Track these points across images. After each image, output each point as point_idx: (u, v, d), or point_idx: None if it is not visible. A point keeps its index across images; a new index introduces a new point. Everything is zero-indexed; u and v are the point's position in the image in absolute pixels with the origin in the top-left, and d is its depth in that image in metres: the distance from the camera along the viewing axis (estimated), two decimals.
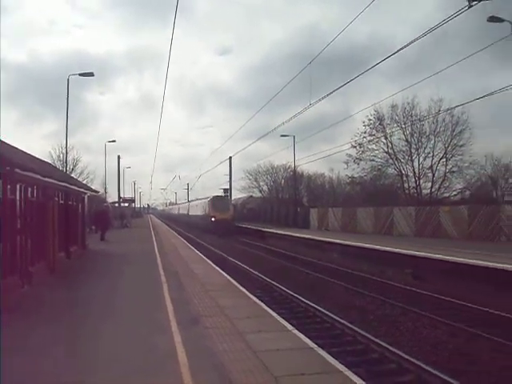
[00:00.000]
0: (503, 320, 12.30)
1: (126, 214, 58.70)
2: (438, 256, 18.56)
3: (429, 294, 15.80)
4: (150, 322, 9.48)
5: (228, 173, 65.12)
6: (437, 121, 43.18)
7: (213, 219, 50.47)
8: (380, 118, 45.88)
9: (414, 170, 45.65)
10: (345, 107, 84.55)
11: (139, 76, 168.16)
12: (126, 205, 69.16)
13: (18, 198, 12.81)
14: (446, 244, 23.37)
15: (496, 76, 53.50)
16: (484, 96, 23.98)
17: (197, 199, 70.44)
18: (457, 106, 37.03)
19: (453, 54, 59.02)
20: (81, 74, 31.80)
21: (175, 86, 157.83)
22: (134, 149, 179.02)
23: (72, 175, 44.21)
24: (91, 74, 31.78)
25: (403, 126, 44.57)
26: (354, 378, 6.42)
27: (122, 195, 63.67)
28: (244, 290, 13.24)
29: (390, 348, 9.63)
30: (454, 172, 44.36)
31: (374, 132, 46.23)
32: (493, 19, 22.36)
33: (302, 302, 14.62)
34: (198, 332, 8.61)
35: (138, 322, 9.41)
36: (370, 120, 45.96)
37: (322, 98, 26.85)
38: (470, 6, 11.25)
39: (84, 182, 47.01)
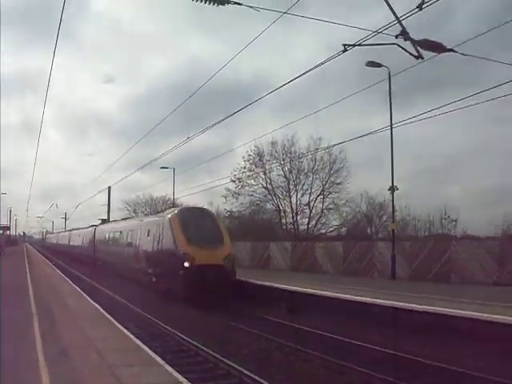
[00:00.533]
0: (370, 352, 12.77)
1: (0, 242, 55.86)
2: (311, 291, 19.01)
3: (302, 327, 16.05)
4: (16, 356, 8.72)
5: (106, 203, 62.80)
6: (315, 158, 44.97)
7: (186, 265, 21.60)
8: (260, 154, 47.01)
9: (291, 205, 47.00)
10: (229, 141, 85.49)
11: (21, 99, 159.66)
12: (1, 232, 66.22)
13: None
14: (320, 279, 24.05)
15: (374, 118, 57.21)
16: (360, 136, 25.00)
17: (129, 217, 48.68)
18: (335, 145, 38.46)
19: (335, 94, 62.17)
20: None
21: (58, 112, 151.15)
22: (12, 174, 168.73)
23: None
24: None
25: (282, 162, 45.96)
26: None
27: None
28: (117, 323, 12.69)
29: (263, 382, 9.59)
30: (330, 209, 46.33)
31: (254, 167, 47.29)
32: (371, 64, 23.55)
33: (177, 335, 14.30)
34: (67, 365, 8.05)
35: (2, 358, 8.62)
36: (250, 155, 46.97)
37: (202, 131, 26.50)
38: (345, 51, 11.91)
39: None
